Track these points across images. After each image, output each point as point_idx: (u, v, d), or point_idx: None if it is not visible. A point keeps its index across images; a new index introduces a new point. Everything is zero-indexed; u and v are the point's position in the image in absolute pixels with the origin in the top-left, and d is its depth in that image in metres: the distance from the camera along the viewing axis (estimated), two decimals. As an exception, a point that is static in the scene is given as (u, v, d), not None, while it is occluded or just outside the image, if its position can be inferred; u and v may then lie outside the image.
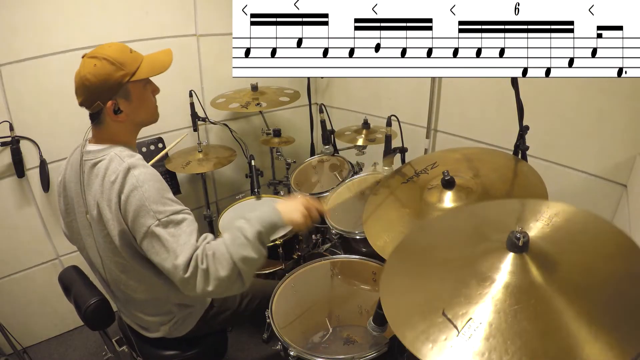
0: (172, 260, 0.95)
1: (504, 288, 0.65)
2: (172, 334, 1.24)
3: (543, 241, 0.72)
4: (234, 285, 0.99)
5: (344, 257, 1.47)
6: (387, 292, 0.76)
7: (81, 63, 1.03)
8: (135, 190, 0.98)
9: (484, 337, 0.59)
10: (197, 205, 2.44)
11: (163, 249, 0.97)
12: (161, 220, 0.97)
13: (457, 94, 1.88)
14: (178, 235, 0.97)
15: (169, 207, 1.00)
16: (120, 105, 1.05)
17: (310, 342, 1.31)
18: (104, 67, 1.01)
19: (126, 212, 0.99)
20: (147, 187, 0.99)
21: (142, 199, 0.98)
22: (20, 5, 1.61)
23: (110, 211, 1.01)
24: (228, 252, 0.98)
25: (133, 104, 1.08)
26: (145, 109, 1.13)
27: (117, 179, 1.00)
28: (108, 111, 1.04)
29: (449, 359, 0.59)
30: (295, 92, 2.13)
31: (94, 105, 1.03)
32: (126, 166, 1.01)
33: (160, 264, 0.98)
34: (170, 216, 0.98)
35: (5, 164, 1.74)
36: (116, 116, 1.06)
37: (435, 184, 1.15)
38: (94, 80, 1.00)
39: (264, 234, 1.02)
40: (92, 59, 1.02)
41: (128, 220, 1.00)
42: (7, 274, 1.89)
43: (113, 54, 1.02)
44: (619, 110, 1.36)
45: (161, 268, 1.00)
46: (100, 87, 1.01)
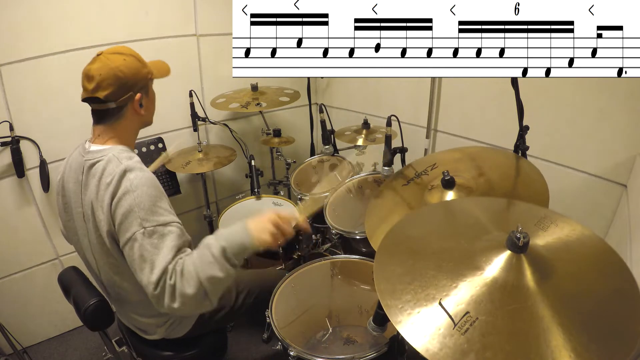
0: (147, 272, 0.94)
1: (492, 284, 0.66)
2: (170, 335, 1.24)
3: (541, 246, 0.73)
4: (202, 303, 0.97)
5: (344, 257, 1.47)
6: (381, 278, 0.76)
7: (103, 58, 1.04)
8: (127, 194, 0.98)
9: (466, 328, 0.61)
10: (197, 205, 2.44)
11: (141, 259, 0.95)
12: (146, 229, 0.95)
13: (457, 94, 1.88)
14: (160, 248, 0.95)
15: (158, 217, 0.98)
16: (143, 99, 1.12)
17: (310, 342, 1.31)
18: (134, 62, 1.08)
19: (115, 214, 0.99)
20: (139, 192, 0.98)
21: (132, 204, 0.97)
22: (21, 5, 1.61)
23: (103, 212, 1.01)
24: (195, 270, 0.94)
25: (149, 100, 1.16)
26: (153, 107, 1.20)
27: (112, 181, 1.00)
28: (135, 104, 1.09)
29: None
30: (295, 92, 2.13)
31: (125, 96, 1.06)
32: (123, 168, 1.00)
33: (135, 272, 0.97)
34: (156, 227, 0.97)
35: (5, 164, 1.74)
36: (139, 110, 1.11)
37: (436, 184, 1.15)
38: (128, 72, 1.05)
39: (229, 252, 0.98)
40: (117, 54, 1.06)
41: (115, 223, 0.99)
42: (7, 274, 1.89)
43: (135, 53, 1.10)
44: (619, 110, 1.36)
45: (135, 277, 0.98)
46: (132, 79, 1.06)
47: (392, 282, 0.72)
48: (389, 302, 0.68)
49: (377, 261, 0.79)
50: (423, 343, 0.61)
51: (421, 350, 0.60)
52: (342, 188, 1.78)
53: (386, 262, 0.79)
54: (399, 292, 0.69)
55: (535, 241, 0.73)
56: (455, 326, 0.61)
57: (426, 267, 0.73)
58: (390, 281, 0.72)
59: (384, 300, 0.69)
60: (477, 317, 0.62)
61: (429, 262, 0.75)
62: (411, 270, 0.74)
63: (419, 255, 0.79)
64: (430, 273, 0.71)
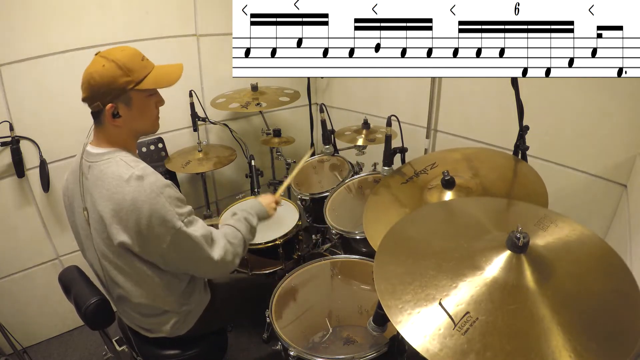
0: (205, 252, 1.08)
1: (492, 284, 0.66)
2: (173, 334, 1.25)
3: (541, 246, 0.73)
4: (244, 251, 1.22)
5: (344, 257, 1.47)
6: (381, 278, 0.76)
7: (92, 60, 1.04)
8: (156, 198, 1.00)
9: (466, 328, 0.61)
10: (197, 205, 2.44)
11: (196, 247, 1.07)
12: (185, 221, 1.05)
13: (457, 94, 1.88)
14: (204, 232, 1.09)
15: (186, 208, 1.08)
16: (120, 110, 1.05)
17: (310, 342, 1.30)
18: (111, 70, 1.01)
19: (149, 219, 1.00)
20: (165, 193, 1.02)
21: (164, 205, 1.01)
22: (21, 5, 1.61)
23: (117, 217, 1.01)
24: (239, 231, 1.20)
25: (133, 111, 1.07)
26: (144, 119, 1.12)
27: (128, 185, 1.00)
28: (107, 114, 1.04)
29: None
30: (295, 92, 2.13)
31: (94, 104, 1.03)
32: (138, 173, 1.01)
33: (195, 260, 1.09)
34: (190, 216, 1.08)
35: (5, 164, 1.74)
36: (114, 120, 1.05)
37: (435, 184, 1.15)
38: (99, 80, 1.00)
39: (256, 217, 1.30)
40: (102, 58, 1.02)
41: (146, 230, 1.00)
42: (7, 274, 1.89)
43: (123, 59, 1.02)
44: (619, 110, 1.36)
45: (192, 265, 1.13)
46: (103, 88, 1.01)
47: (392, 282, 0.72)
48: (389, 302, 0.68)
49: (377, 261, 0.79)
50: (423, 343, 0.61)
51: (421, 351, 0.60)
52: (342, 188, 1.78)
53: (386, 262, 0.79)
54: (399, 292, 0.69)
55: (535, 241, 0.73)
56: (455, 326, 0.61)
57: (426, 267, 0.73)
58: (390, 281, 0.73)
59: (384, 300, 0.69)
60: (477, 317, 0.62)
61: (429, 262, 0.75)
62: (411, 270, 0.74)
63: (419, 255, 0.79)
64: (430, 273, 0.71)
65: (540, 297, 0.64)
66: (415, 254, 0.79)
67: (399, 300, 0.68)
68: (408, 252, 0.80)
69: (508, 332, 0.60)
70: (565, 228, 0.78)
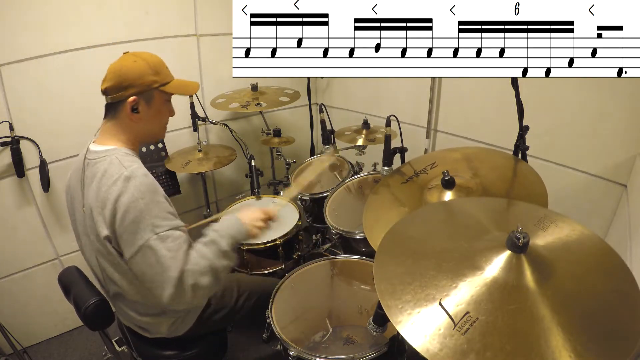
0: (165, 274, 0.98)
1: (492, 284, 0.66)
2: (172, 334, 1.25)
3: (541, 246, 0.73)
4: (215, 287, 1.06)
5: (344, 257, 1.47)
6: (381, 278, 0.76)
7: (120, 57, 1.11)
8: (135, 202, 0.98)
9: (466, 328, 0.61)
10: (197, 205, 2.44)
11: (158, 264, 0.98)
12: (159, 234, 0.99)
13: (457, 94, 1.88)
14: (174, 251, 0.99)
15: (168, 221, 1.02)
16: (140, 106, 1.09)
17: (310, 342, 1.31)
18: (142, 66, 1.08)
19: (122, 220, 0.99)
20: (147, 199, 1.00)
21: (141, 211, 0.98)
22: (21, 5, 1.61)
23: (101, 214, 1.01)
24: (209, 264, 1.03)
25: (151, 111, 1.12)
26: (157, 122, 1.18)
27: (114, 185, 1.00)
28: (127, 106, 1.07)
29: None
30: (295, 92, 2.13)
31: (117, 94, 1.06)
32: (127, 174, 1.01)
33: (152, 277, 1.00)
34: (167, 231, 1.00)
35: (5, 164, 1.74)
36: (132, 114, 1.09)
37: (435, 184, 1.15)
38: (128, 72, 1.06)
39: (232, 243, 1.11)
40: (132, 56, 1.09)
41: (119, 229, 1.00)
42: (7, 274, 1.89)
43: (152, 61, 1.11)
44: (619, 110, 1.36)
45: (148, 281, 1.01)
46: (130, 79, 1.06)
47: (392, 282, 0.72)
48: (389, 302, 0.68)
49: (377, 261, 0.79)
50: (423, 343, 0.61)
51: (421, 351, 0.60)
52: (341, 188, 1.78)
53: (386, 262, 0.79)
54: (399, 292, 0.69)
55: (535, 241, 0.73)
56: (455, 326, 0.61)
57: (426, 267, 0.73)
58: (390, 281, 0.72)
59: (384, 300, 0.69)
60: (477, 317, 0.62)
61: (429, 262, 0.75)
62: (411, 270, 0.74)
63: (419, 255, 0.78)
64: (430, 273, 0.71)
65: (540, 297, 0.63)
66: (415, 254, 0.79)
67: (399, 300, 0.68)
68: (408, 252, 0.80)
69: (508, 332, 0.60)
70: (565, 228, 0.78)
